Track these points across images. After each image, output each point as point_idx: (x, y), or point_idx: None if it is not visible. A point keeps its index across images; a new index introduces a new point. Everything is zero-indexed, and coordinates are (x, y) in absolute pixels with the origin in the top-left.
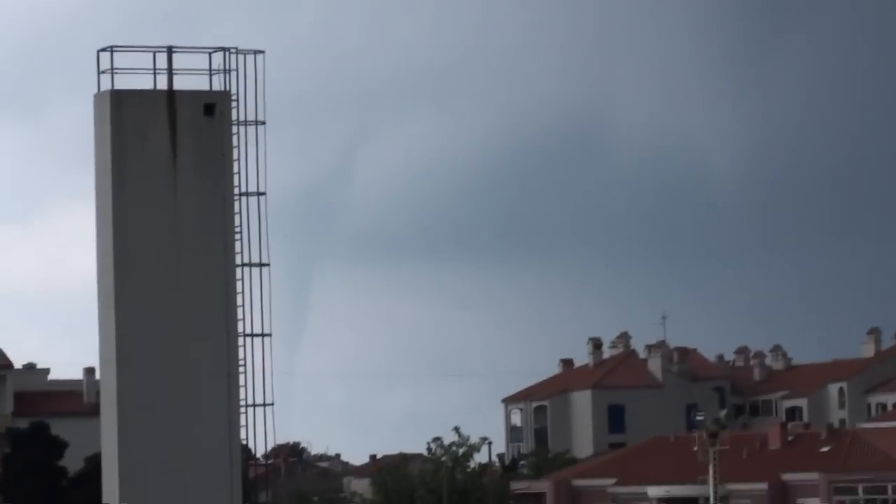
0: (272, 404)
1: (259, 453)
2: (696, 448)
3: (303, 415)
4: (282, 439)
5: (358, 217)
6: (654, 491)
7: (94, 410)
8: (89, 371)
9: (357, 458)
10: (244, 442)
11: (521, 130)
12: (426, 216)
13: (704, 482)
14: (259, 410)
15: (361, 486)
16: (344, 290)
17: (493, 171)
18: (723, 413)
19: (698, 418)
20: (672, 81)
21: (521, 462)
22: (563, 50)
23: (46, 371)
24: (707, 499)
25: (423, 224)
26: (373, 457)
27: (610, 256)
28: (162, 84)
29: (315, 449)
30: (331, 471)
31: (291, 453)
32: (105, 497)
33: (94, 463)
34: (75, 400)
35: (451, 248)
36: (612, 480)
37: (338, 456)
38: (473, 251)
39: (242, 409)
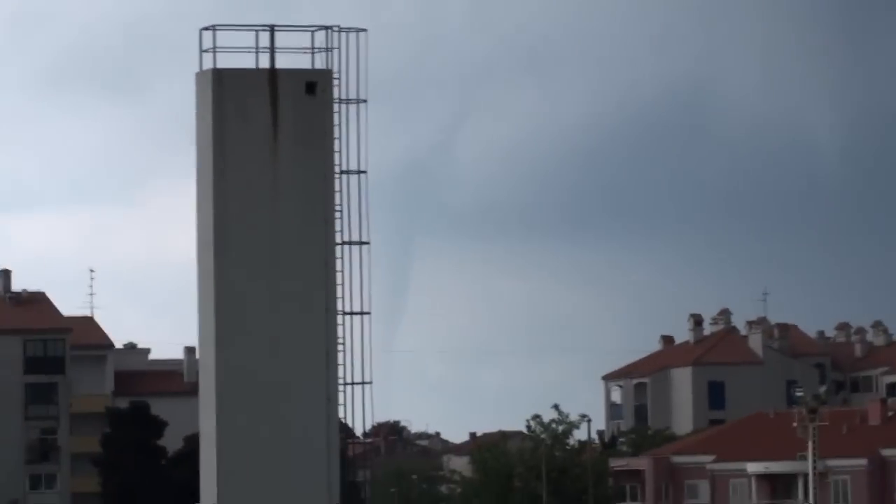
0: (371, 382)
1: (358, 431)
2: (795, 424)
3: (402, 393)
4: (381, 418)
5: (458, 195)
6: (754, 467)
7: (194, 390)
8: (190, 350)
9: (456, 436)
10: (343, 420)
11: (622, 107)
12: (527, 194)
13: (803, 458)
14: (358, 389)
15: (461, 463)
16: (444, 267)
17: (594, 148)
18: (823, 389)
19: (798, 394)
20: (773, 56)
21: (621, 439)
22: (664, 25)
23: (147, 350)
24: (806, 475)
25: (523, 202)
26: (472, 434)
27: (711, 233)
28: (264, 63)
29: (415, 427)
30: (430, 449)
31: (391, 432)
32: (203, 477)
33: (193, 442)
34: (175, 379)
35: (551, 226)
36: (711, 457)
37: (437, 434)
38: (574, 228)
39: (341, 388)
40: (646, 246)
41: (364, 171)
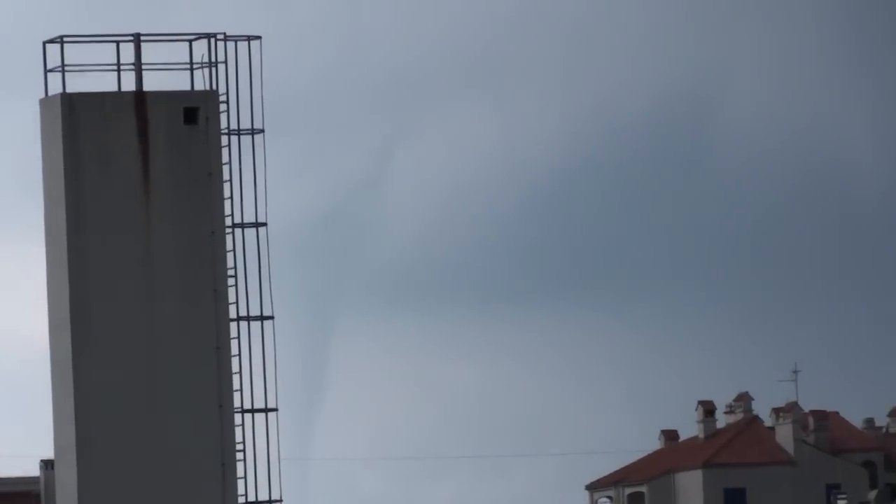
0: (281, 501)
1: None
2: None
3: None
4: None
5: (388, 250)
6: None
7: None
8: (47, 464)
9: None
10: None
11: (601, 128)
12: (478, 247)
13: None
14: None
15: None
16: (372, 348)
17: (564, 184)
18: (873, 495)
19: (841, 502)
20: (791, 56)
21: None
22: (653, 21)
23: None
24: None
25: (474, 258)
26: None
27: (719, 294)
28: (128, 84)
29: None
30: None
31: None
32: None
33: None
34: None
35: (511, 290)
36: None
37: None
38: (541, 292)
39: None
40: (636, 313)
41: (263, 224)
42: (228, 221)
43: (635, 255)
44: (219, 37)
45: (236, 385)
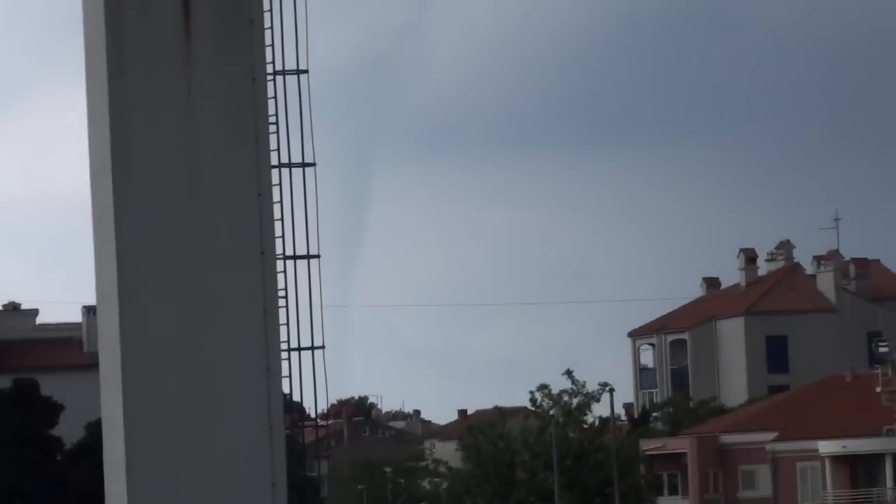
0: (324, 347)
1: (311, 412)
2: (879, 389)
3: (368, 361)
4: (341, 393)
5: (431, 98)
6: (828, 447)
7: (97, 363)
8: (90, 311)
9: (441, 415)
10: (289, 397)
11: None
12: (522, 95)
13: (892, 434)
14: (307, 356)
15: (447, 451)
16: (414, 194)
17: (602, 36)
18: None
19: (882, 349)
20: None
21: (654, 414)
22: None
23: (34, 312)
24: (895, 455)
25: (517, 106)
26: (461, 413)
27: (764, 141)
28: None
29: (386, 405)
30: (408, 433)
31: (355, 411)
32: (107, 475)
33: (97, 431)
34: (72, 350)
35: (559, 136)
36: (772, 435)
37: (416, 413)
38: (587, 142)
39: (285, 355)
40: (678, 161)
41: (305, 71)
42: (270, 69)
43: (682, 101)
44: None
45: (278, 232)
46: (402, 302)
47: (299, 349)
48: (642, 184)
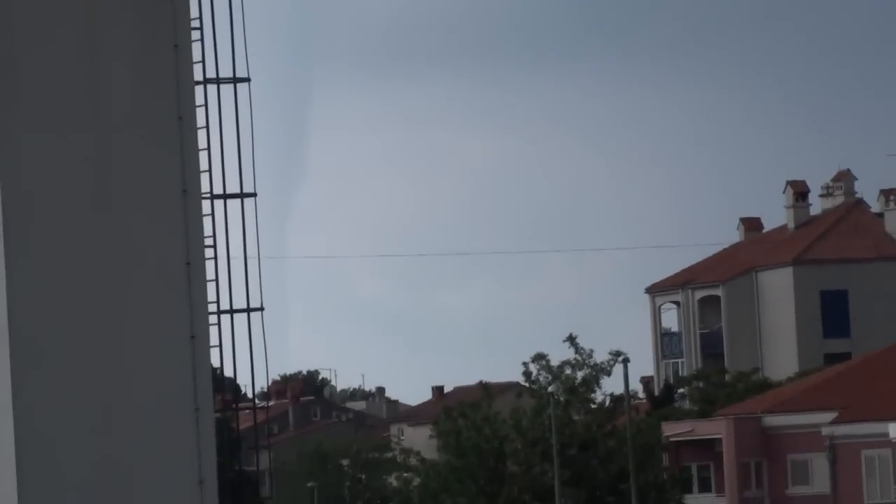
0: (262, 309)
1: (248, 390)
2: None
3: (317, 326)
4: (286, 366)
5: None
6: None
7: None
8: None
9: (411, 393)
10: (220, 371)
11: None
12: None
13: None
14: (241, 319)
15: (419, 437)
16: (369, 116)
17: None
18: None
19: None
20: None
21: (680, 390)
22: None
23: None
24: None
25: (490, 7)
26: (437, 390)
27: (812, 47)
28: None
29: (343, 381)
30: (370, 416)
31: (304, 389)
32: None
33: None
34: None
35: (543, 44)
36: (830, 415)
37: (380, 391)
38: (580, 46)
39: (213, 319)
40: (706, 74)
41: None
42: None
43: (714, 5)
44: None
45: (203, 165)
46: (358, 252)
47: (231, 311)
48: (659, 102)
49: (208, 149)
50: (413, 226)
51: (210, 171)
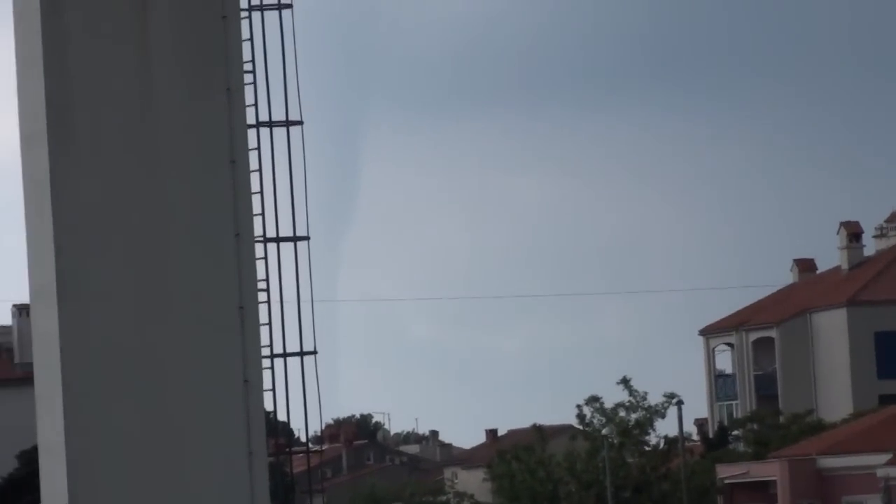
0: (315, 353)
1: (301, 434)
2: None
3: (369, 370)
4: (339, 410)
5: (439, 34)
6: None
7: (31, 376)
8: (21, 310)
9: (465, 437)
10: (273, 416)
11: None
12: (550, 28)
13: None
14: (294, 363)
15: (473, 480)
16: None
17: None
18: None
19: None
20: None
21: (735, 432)
22: None
23: None
24: None
25: (546, 42)
26: (490, 433)
27: (867, 84)
28: None
29: (396, 425)
30: (423, 459)
31: (358, 433)
32: None
33: (33, 460)
34: (1, 361)
35: (600, 83)
36: (885, 457)
37: (434, 435)
38: (636, 86)
39: (266, 362)
40: (759, 113)
41: (288, 5)
42: (244, 3)
43: (780, 43)
44: None
45: (256, 209)
46: (409, 295)
47: (284, 355)
48: (713, 141)
49: (261, 192)
50: (466, 267)
51: (263, 214)
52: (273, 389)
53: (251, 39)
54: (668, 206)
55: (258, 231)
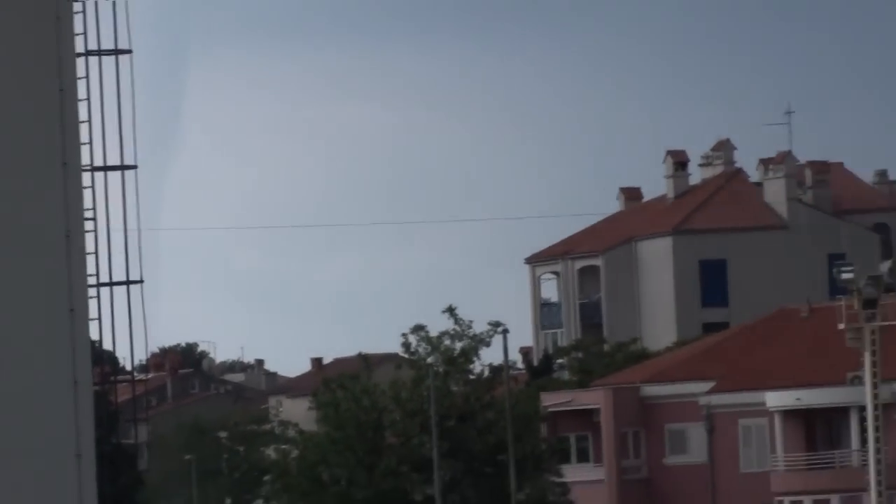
0: (142, 281)
1: (126, 363)
2: (843, 326)
3: (194, 299)
4: (163, 339)
5: None
6: (778, 399)
7: None
8: None
9: (290, 365)
10: (98, 344)
11: None
12: None
13: (858, 382)
14: (121, 291)
15: (298, 409)
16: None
17: None
18: (887, 266)
19: (846, 275)
20: None
21: (559, 361)
22: None
23: None
24: (861, 408)
25: None
26: (315, 362)
27: (691, 19)
28: None
29: (221, 353)
30: (248, 388)
31: (183, 362)
32: None
33: None
34: None
35: (409, 15)
36: (708, 385)
37: (259, 364)
38: (450, 19)
39: (92, 291)
40: (581, 45)
41: None
42: None
43: None
44: None
45: (84, 137)
46: (232, 224)
47: (111, 284)
48: (533, 71)
49: (89, 121)
50: (287, 198)
51: (91, 143)
52: (99, 319)
53: None
54: (494, 136)
55: (86, 160)
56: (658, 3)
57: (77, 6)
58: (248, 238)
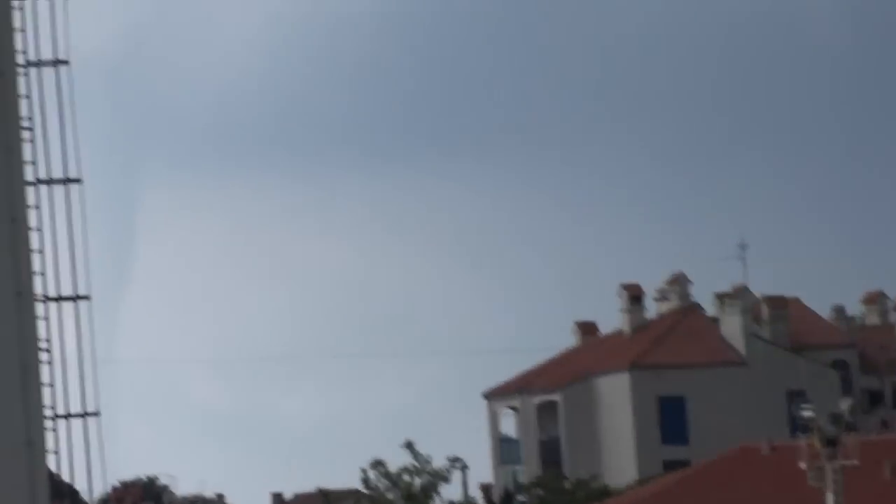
0: (98, 414)
1: (87, 497)
2: (804, 465)
3: (153, 429)
4: (124, 472)
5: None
6: None
7: None
8: None
9: (251, 499)
10: (57, 476)
11: None
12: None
13: None
14: (78, 424)
15: None
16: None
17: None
18: (847, 404)
19: (806, 413)
20: None
21: (520, 497)
22: None
23: None
24: None
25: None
26: (276, 497)
27: (646, 152)
28: None
29: (182, 487)
30: None
31: (144, 495)
32: None
33: None
34: None
35: (386, 148)
36: None
37: (220, 498)
38: (424, 149)
39: (49, 423)
40: (542, 176)
41: (65, 62)
42: (22, 59)
43: (542, 106)
44: None
45: (37, 267)
46: (193, 356)
47: (67, 416)
48: (489, 207)
49: (41, 251)
50: (247, 329)
51: (44, 273)
52: (57, 452)
53: (28, 96)
54: (447, 270)
55: (39, 290)
56: (611, 136)
57: (27, 135)
58: (206, 370)
